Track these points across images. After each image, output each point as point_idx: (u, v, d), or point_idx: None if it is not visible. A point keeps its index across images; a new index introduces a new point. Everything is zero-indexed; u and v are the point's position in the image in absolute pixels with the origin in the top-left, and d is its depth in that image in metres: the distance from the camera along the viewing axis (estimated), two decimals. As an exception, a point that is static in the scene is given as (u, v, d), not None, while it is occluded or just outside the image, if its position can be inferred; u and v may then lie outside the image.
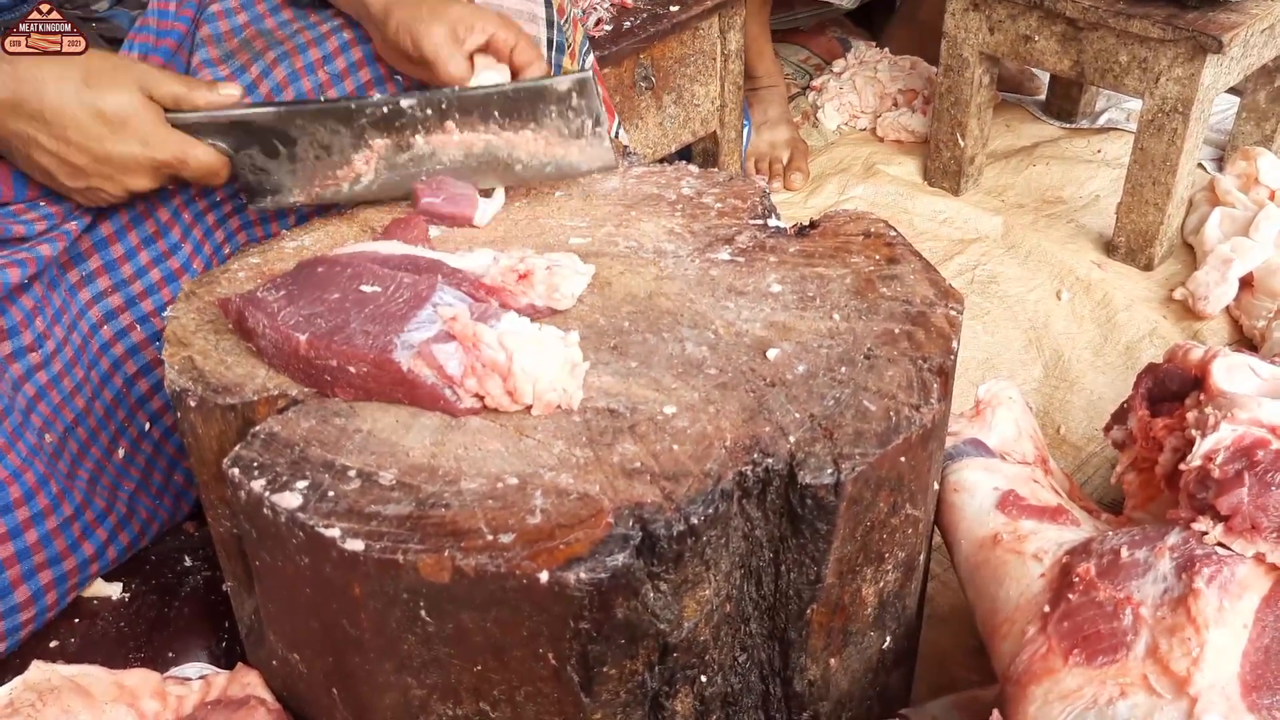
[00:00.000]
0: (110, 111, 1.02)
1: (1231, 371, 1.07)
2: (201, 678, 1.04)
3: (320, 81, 1.21)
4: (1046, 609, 0.94)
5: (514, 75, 1.15)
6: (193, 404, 0.90)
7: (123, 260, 1.16)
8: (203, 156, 1.07)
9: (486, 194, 1.13)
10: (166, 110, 1.06)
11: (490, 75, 1.14)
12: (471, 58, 1.14)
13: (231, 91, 1.09)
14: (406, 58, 1.16)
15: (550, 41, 1.34)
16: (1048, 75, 2.44)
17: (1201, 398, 1.06)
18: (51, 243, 1.08)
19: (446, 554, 0.76)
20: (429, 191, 1.10)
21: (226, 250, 1.22)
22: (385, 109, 1.09)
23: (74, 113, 1.01)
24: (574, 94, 1.10)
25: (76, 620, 1.16)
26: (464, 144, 1.11)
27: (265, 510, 0.81)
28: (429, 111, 1.10)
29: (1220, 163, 2.17)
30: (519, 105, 1.10)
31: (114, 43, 1.19)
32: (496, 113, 1.10)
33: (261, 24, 1.21)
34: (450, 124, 1.10)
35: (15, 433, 1.04)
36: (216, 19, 1.21)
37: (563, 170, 1.13)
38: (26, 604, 1.07)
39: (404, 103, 1.09)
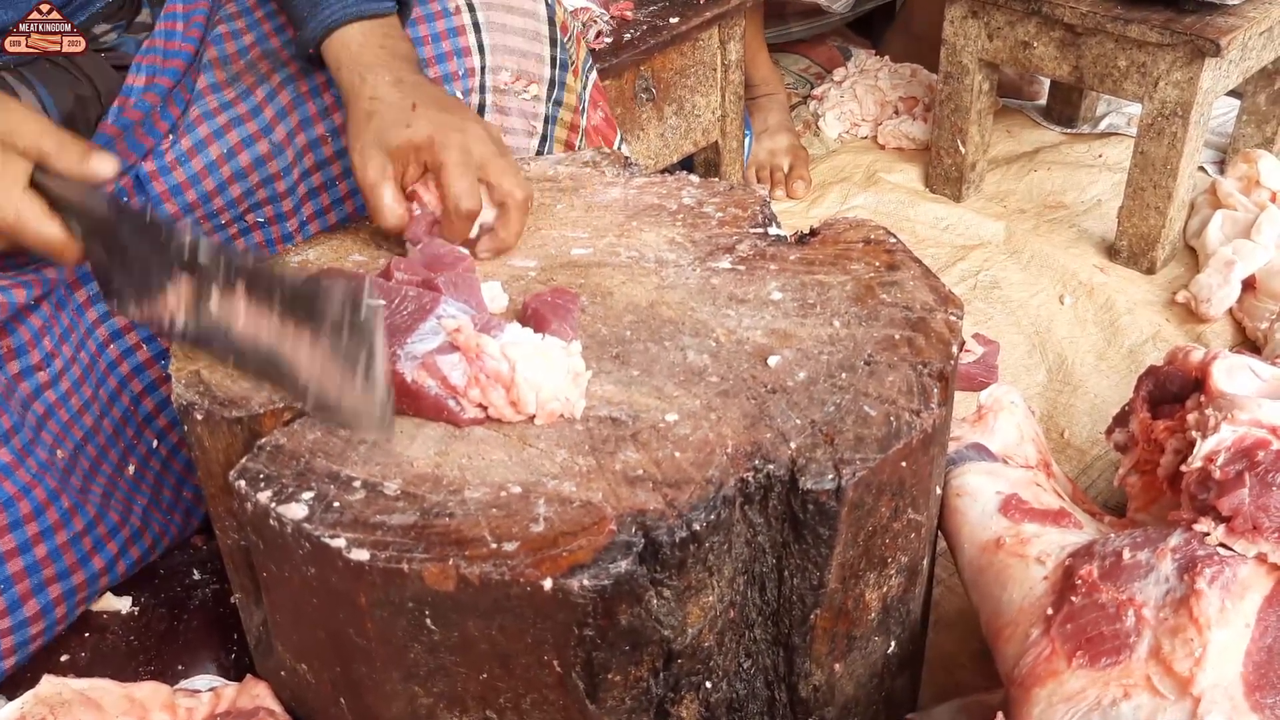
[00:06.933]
0: None
1: (1232, 373, 1.07)
2: (211, 690, 1.05)
3: (326, 105, 1.22)
4: (1049, 612, 0.94)
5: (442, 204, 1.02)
6: (199, 417, 0.90)
7: None
8: (44, 231, 0.93)
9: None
10: (37, 166, 0.93)
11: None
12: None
13: (103, 167, 0.95)
14: None
15: (554, 60, 1.35)
16: (1048, 80, 2.44)
17: (1202, 399, 1.06)
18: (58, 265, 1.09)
19: (451, 563, 0.76)
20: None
21: None
22: (186, 249, 0.89)
23: None
24: (343, 305, 0.82)
25: (86, 634, 1.17)
26: (252, 325, 0.89)
27: (272, 521, 0.82)
28: (222, 267, 0.89)
29: (1221, 166, 2.18)
30: (297, 302, 0.86)
31: (123, 69, 1.19)
32: (278, 301, 0.87)
33: (267, 44, 1.21)
34: (239, 290, 0.88)
35: (25, 449, 1.05)
36: (223, 40, 1.21)
37: (327, 416, 0.87)
38: (36, 618, 1.08)
39: (201, 249, 0.89)
